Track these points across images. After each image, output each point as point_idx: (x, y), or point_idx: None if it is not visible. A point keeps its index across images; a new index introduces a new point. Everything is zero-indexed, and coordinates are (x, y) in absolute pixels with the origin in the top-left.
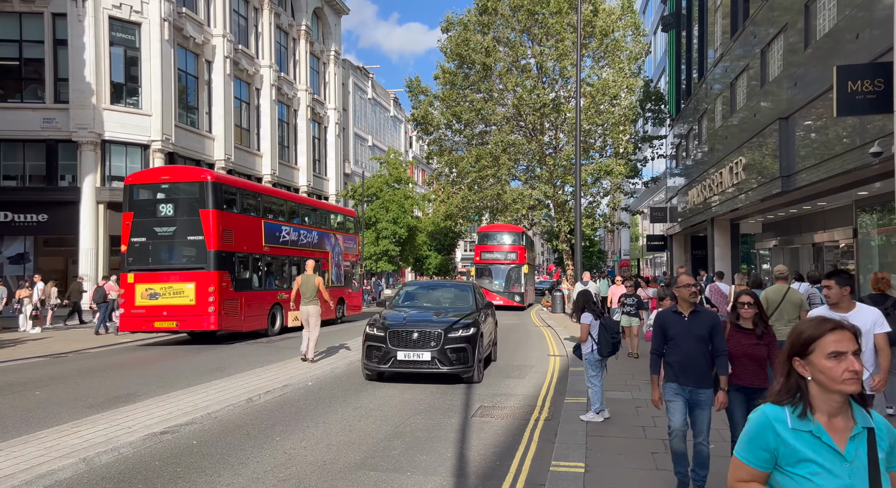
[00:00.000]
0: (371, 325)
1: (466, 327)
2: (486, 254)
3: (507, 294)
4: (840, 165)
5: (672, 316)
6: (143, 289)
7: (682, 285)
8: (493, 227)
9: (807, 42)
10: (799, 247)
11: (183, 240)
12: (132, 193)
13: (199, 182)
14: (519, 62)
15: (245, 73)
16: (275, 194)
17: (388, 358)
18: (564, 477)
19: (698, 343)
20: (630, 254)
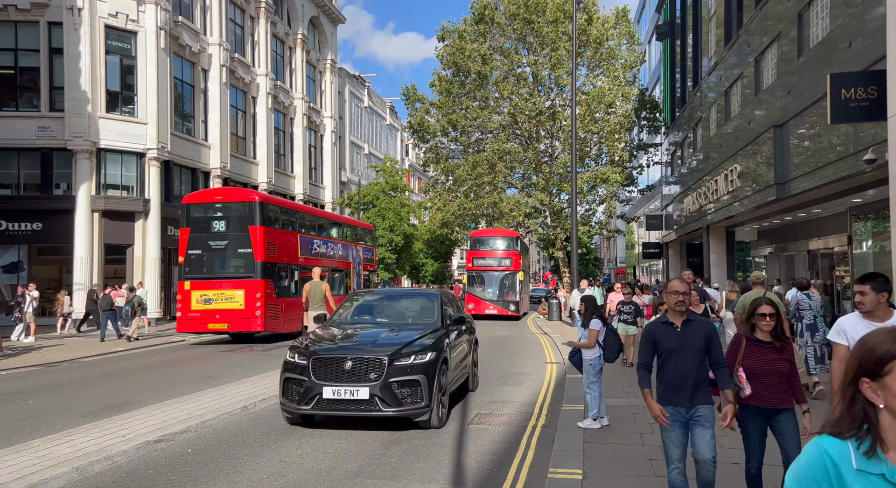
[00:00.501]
0: (292, 350)
1: (422, 351)
2: (478, 260)
3: (500, 302)
4: (834, 173)
5: (662, 327)
6: (198, 295)
7: (670, 291)
8: (486, 232)
9: (800, 50)
10: (794, 255)
11: (234, 252)
12: (189, 211)
13: (249, 202)
14: (515, 70)
15: (241, 81)
16: (308, 211)
17: (310, 395)
18: (562, 484)
19: (694, 356)
20: (626, 261)
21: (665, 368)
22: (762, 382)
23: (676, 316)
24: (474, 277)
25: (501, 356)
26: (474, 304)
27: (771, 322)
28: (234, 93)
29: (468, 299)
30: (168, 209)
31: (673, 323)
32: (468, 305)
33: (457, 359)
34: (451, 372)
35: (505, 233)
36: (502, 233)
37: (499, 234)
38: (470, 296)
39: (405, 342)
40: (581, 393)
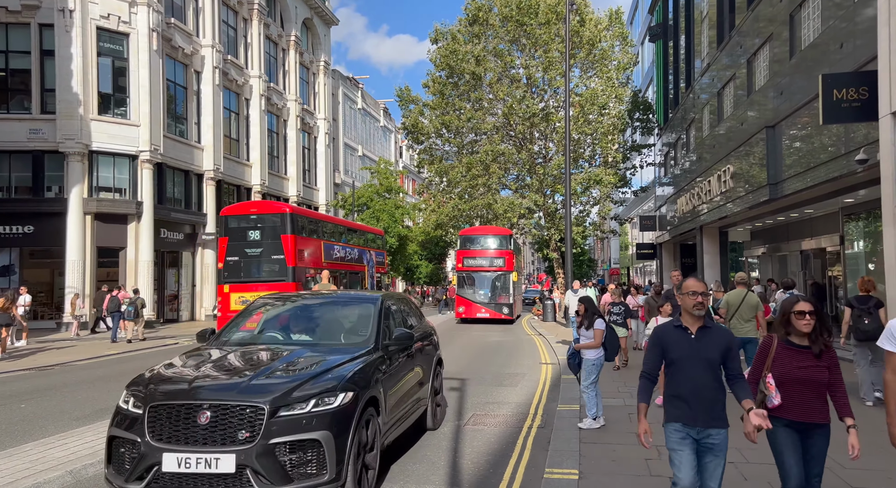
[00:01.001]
0: (130, 388)
1: (328, 392)
2: (468, 260)
3: (493, 305)
4: (826, 173)
5: (675, 332)
6: (236, 296)
7: (686, 291)
8: (476, 230)
9: (792, 52)
10: (787, 255)
11: (268, 258)
12: (227, 222)
13: (281, 213)
14: (508, 72)
15: (234, 83)
16: (329, 220)
17: (144, 467)
18: (558, 484)
19: (709, 369)
20: (620, 262)
21: (674, 379)
22: (794, 392)
23: (693, 320)
24: (465, 278)
25: (497, 357)
26: (465, 307)
27: (811, 321)
28: (227, 94)
29: (458, 302)
30: (161, 211)
31: (687, 328)
32: (458, 308)
33: (401, 392)
34: (390, 413)
35: (497, 230)
36: (494, 230)
37: (490, 232)
38: (460, 298)
39: (304, 378)
40: (576, 394)
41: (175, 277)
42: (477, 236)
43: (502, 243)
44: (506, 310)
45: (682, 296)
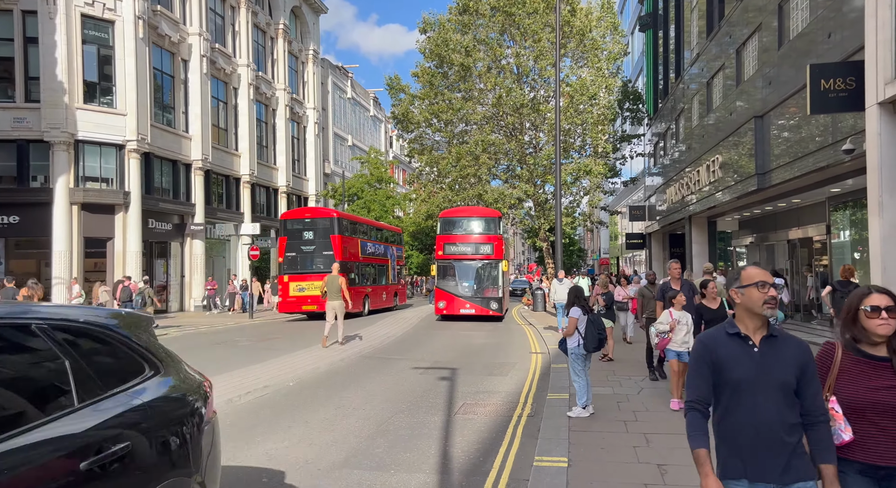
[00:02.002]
0: None
1: None
2: (450, 246)
3: (478, 300)
4: (813, 163)
5: (730, 342)
6: (294, 285)
7: (750, 283)
8: (459, 212)
9: (780, 42)
10: (774, 244)
11: (319, 254)
12: (285, 225)
13: (331, 217)
14: (498, 62)
15: (222, 72)
16: (363, 221)
17: None
18: (548, 471)
19: (781, 396)
20: (609, 252)
21: (731, 413)
22: (870, 423)
23: (756, 325)
24: (446, 268)
25: (487, 347)
26: (446, 302)
27: (889, 321)
28: (214, 83)
29: (438, 296)
30: (149, 202)
31: (748, 337)
32: (438, 304)
33: None
34: None
35: (483, 212)
36: (480, 212)
37: (476, 214)
38: (440, 292)
39: None
40: (565, 383)
41: (164, 268)
42: (460, 219)
43: (489, 227)
44: (494, 305)
45: (740, 290)
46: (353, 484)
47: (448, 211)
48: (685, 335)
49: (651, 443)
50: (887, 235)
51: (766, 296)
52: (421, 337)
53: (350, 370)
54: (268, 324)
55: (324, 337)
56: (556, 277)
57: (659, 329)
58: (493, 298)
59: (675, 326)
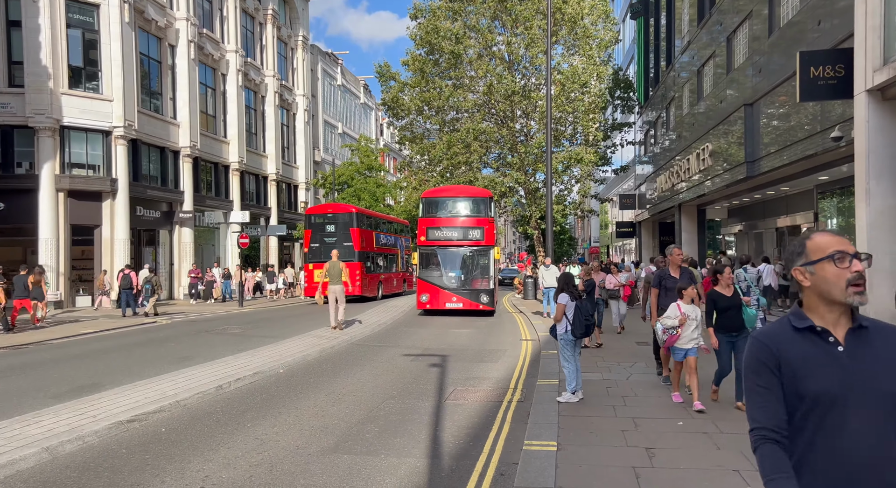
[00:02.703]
0: None
1: None
2: (434, 231)
3: (467, 292)
4: (802, 150)
5: (801, 339)
6: (318, 272)
7: (822, 256)
8: (444, 191)
9: (771, 30)
10: (763, 232)
11: (340, 244)
12: (310, 219)
13: (350, 213)
14: (489, 49)
15: (210, 57)
16: (377, 216)
17: None
18: (537, 455)
19: (885, 416)
20: (600, 240)
21: (808, 444)
22: None
23: (835, 313)
24: (429, 256)
25: (478, 335)
26: (429, 295)
27: None
28: (203, 69)
29: (420, 288)
30: (136, 189)
31: (826, 331)
32: (420, 297)
33: None
34: None
35: (472, 191)
36: (469, 191)
37: (463, 194)
38: (423, 283)
39: None
40: (555, 369)
41: (152, 256)
42: (445, 199)
43: (479, 208)
44: (484, 298)
45: (804, 270)
46: (343, 468)
47: (432, 190)
48: (693, 330)
49: (639, 427)
50: (874, 222)
51: (850, 272)
52: (412, 324)
53: (341, 357)
54: (259, 312)
55: (332, 321)
56: (543, 264)
57: (666, 324)
58: (484, 291)
59: (686, 321)
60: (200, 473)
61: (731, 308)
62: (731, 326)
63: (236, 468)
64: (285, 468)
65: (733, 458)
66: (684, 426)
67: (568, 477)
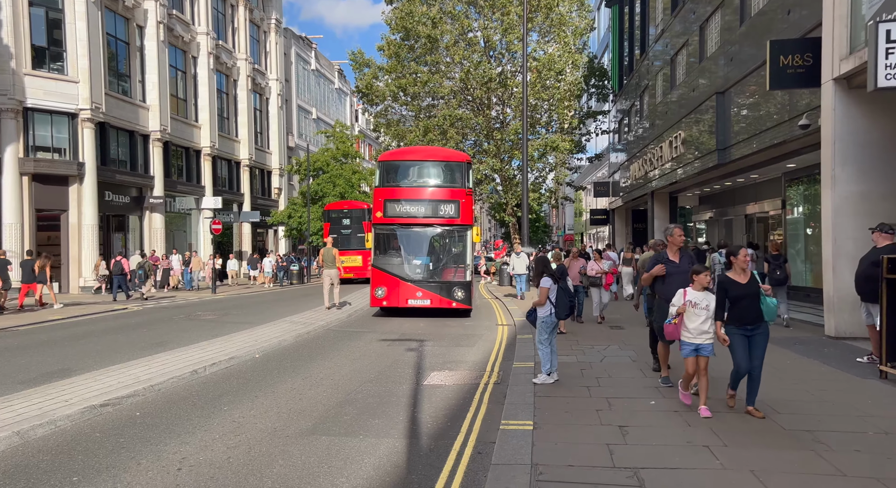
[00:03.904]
0: None
1: None
2: (394, 205)
3: (435, 285)
4: (771, 138)
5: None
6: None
7: None
8: (409, 153)
9: (742, 19)
10: (733, 219)
11: (355, 236)
12: (329, 213)
13: (362, 209)
14: (465, 35)
15: (180, 39)
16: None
17: None
18: (514, 434)
19: None
20: (574, 228)
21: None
22: None
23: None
24: (387, 238)
25: (454, 321)
26: (386, 290)
27: None
28: (172, 52)
29: (376, 279)
30: (105, 173)
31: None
32: (375, 291)
33: None
34: None
35: (446, 154)
36: (441, 153)
37: (434, 156)
38: (379, 273)
39: None
40: (531, 352)
41: (122, 241)
42: (410, 163)
43: (453, 176)
44: (459, 293)
45: None
46: (321, 449)
47: (393, 152)
48: (703, 322)
49: (613, 407)
50: (839, 207)
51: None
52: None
53: (317, 342)
54: (233, 299)
55: (326, 302)
56: (514, 252)
57: (671, 311)
58: (458, 284)
59: (688, 310)
60: (177, 455)
61: (745, 297)
62: (745, 318)
63: (214, 450)
64: (263, 449)
65: (703, 435)
66: (656, 405)
67: (544, 455)
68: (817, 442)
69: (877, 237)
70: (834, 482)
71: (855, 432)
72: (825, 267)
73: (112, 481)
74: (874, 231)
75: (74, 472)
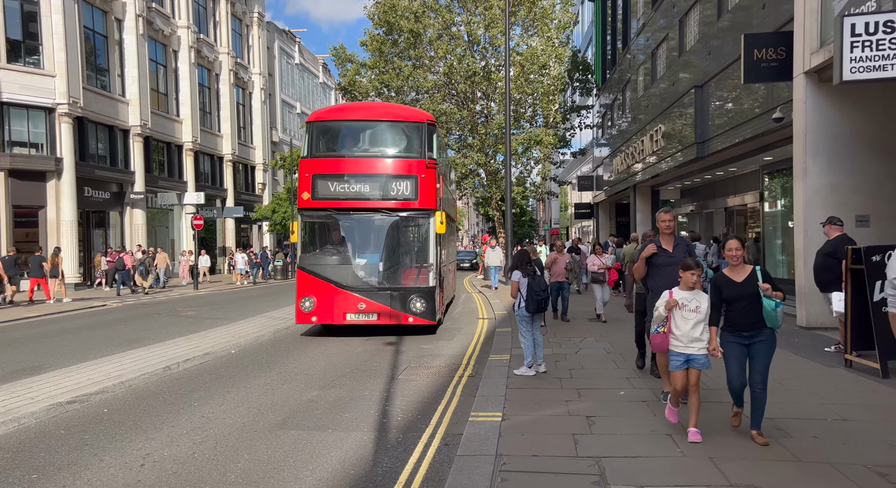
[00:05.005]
0: None
1: None
2: (327, 182)
3: (388, 296)
4: (748, 131)
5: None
6: None
7: None
8: (350, 110)
9: (720, 13)
10: (713, 212)
11: None
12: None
13: None
14: (449, 29)
15: (160, 33)
16: None
17: None
18: (482, 425)
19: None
20: (560, 222)
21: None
22: None
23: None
24: (318, 229)
25: None
26: (316, 301)
27: None
28: (152, 45)
29: (302, 286)
30: (84, 169)
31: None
32: (300, 303)
33: None
34: None
35: (398, 112)
36: (391, 112)
37: (382, 115)
38: (306, 277)
39: None
40: (507, 345)
41: (102, 237)
42: (350, 125)
43: (410, 142)
44: (419, 304)
45: None
46: (288, 443)
47: (328, 109)
48: (694, 328)
49: (582, 397)
50: (810, 199)
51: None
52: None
53: (295, 338)
54: (214, 295)
55: None
56: (489, 246)
57: (656, 316)
58: (418, 291)
59: (675, 313)
60: (142, 451)
61: (741, 298)
62: (741, 323)
63: (179, 445)
64: (230, 444)
65: (667, 425)
66: (625, 395)
67: (510, 446)
68: (777, 430)
69: (829, 229)
70: (788, 467)
71: (815, 419)
72: (797, 258)
73: (72, 478)
74: (825, 224)
75: (35, 470)
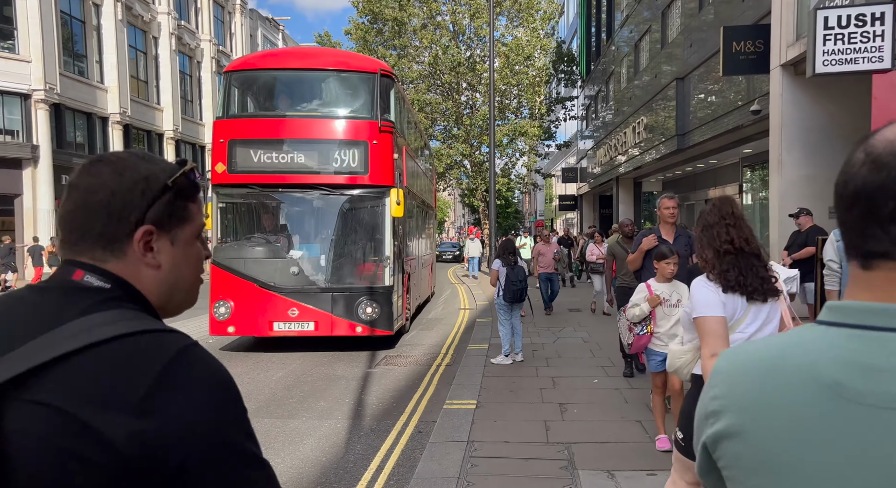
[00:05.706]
0: None
1: None
2: (249, 149)
3: (328, 299)
4: (727, 124)
5: None
6: None
7: None
8: (279, 57)
9: (701, 5)
10: (694, 203)
11: None
12: None
13: None
14: (434, 19)
15: (140, 19)
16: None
17: None
18: (456, 413)
19: None
20: (545, 214)
21: None
22: None
23: None
24: (237, 211)
25: None
26: (233, 306)
27: None
28: (132, 32)
29: (217, 286)
30: (61, 156)
31: None
32: (214, 308)
33: None
34: None
35: (341, 60)
36: (332, 59)
37: (319, 64)
38: (222, 275)
39: None
40: (487, 334)
41: None
42: (278, 74)
43: (357, 98)
44: (370, 308)
45: None
46: (262, 431)
47: (251, 56)
48: (677, 324)
49: (557, 386)
50: (785, 192)
51: None
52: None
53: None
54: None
55: None
56: (468, 237)
57: (631, 315)
58: (369, 292)
59: (659, 304)
60: None
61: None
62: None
63: None
64: None
65: (637, 411)
66: (599, 383)
67: (482, 432)
68: None
69: (803, 220)
70: None
71: None
72: (772, 250)
73: None
74: (797, 216)
75: None
